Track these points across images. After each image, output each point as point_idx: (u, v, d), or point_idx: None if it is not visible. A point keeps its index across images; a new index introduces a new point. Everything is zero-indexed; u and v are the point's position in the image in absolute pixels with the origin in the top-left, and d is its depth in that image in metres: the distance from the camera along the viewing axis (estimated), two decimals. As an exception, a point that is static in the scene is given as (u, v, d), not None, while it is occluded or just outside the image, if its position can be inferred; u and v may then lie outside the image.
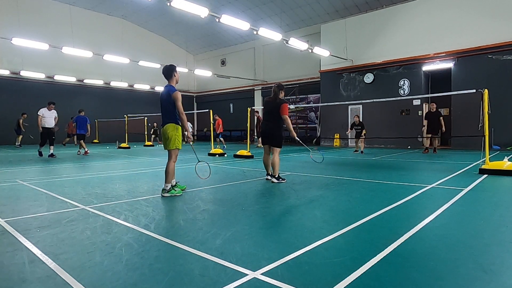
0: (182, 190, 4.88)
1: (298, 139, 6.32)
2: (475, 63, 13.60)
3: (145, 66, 19.54)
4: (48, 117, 10.93)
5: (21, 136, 17.52)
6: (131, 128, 19.83)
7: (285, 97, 6.75)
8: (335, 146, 17.78)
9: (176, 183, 4.85)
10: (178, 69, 5.00)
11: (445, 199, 4.22)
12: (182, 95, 4.74)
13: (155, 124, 21.75)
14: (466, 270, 2.14)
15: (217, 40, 25.52)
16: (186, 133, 4.73)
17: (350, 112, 17.51)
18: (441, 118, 11.62)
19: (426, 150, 12.21)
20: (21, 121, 17.34)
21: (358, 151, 12.97)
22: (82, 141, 12.45)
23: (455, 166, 7.77)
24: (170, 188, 4.63)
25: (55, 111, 11.15)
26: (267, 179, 6.02)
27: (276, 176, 5.74)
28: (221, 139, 16.58)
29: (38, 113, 10.86)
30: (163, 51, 26.13)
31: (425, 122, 11.96)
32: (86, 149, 12.41)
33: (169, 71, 4.74)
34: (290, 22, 20.68)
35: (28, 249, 2.55)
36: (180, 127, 4.72)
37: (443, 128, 11.56)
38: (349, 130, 13.39)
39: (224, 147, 15.61)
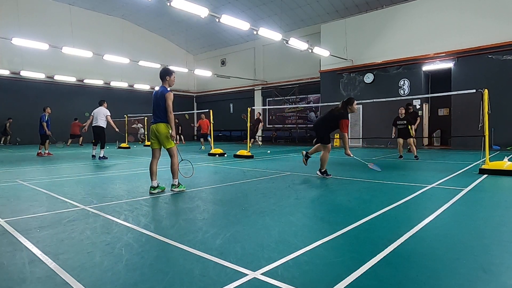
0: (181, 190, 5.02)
1: (352, 155, 6.16)
2: (475, 63, 13.58)
3: (145, 66, 19.52)
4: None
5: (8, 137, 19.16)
6: (131, 128, 19.73)
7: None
8: (335, 146, 17.76)
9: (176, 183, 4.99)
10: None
11: (445, 199, 4.22)
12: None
13: (176, 120, 20.96)
14: (466, 270, 2.14)
15: (217, 40, 25.50)
16: (170, 131, 4.82)
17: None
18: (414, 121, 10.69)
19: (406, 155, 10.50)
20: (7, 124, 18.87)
21: (402, 156, 9.92)
22: (46, 141, 11.77)
23: (455, 166, 7.76)
24: (178, 184, 4.90)
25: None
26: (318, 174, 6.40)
27: (322, 170, 6.30)
28: (201, 139, 16.42)
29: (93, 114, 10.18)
30: (163, 51, 26.11)
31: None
32: (42, 151, 11.68)
33: (163, 74, 4.95)
34: (290, 22, 20.68)
35: (28, 249, 2.55)
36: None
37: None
38: (393, 130, 10.35)
39: (201, 147, 15.66)
